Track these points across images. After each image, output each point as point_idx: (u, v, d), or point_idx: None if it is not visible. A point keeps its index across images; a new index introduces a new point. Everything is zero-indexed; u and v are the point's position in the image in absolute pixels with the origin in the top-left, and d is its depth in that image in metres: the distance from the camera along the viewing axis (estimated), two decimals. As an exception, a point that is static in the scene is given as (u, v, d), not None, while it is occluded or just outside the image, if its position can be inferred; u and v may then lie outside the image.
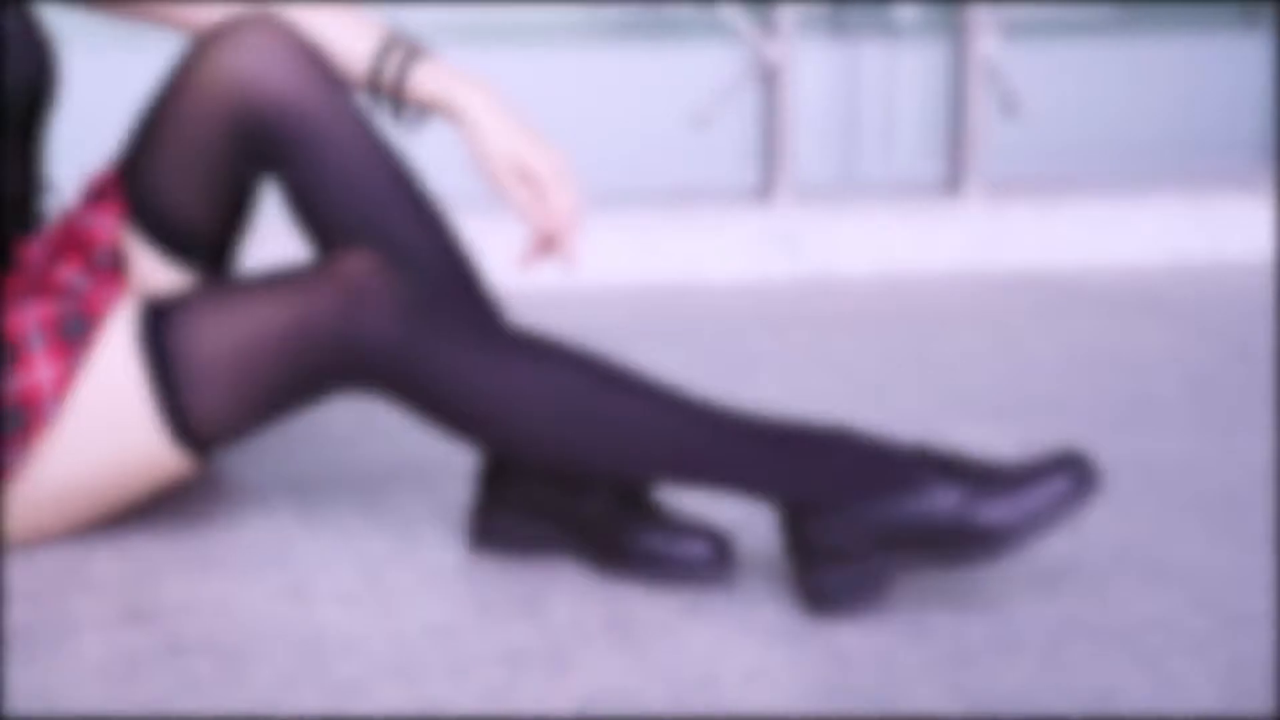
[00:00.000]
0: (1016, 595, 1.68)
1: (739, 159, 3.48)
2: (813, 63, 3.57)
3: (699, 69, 3.49)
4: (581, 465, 1.69)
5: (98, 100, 2.65)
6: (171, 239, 1.84)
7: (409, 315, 1.66)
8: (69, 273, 1.80)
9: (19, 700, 1.44)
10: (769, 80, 3.34)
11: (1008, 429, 2.25)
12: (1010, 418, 2.30)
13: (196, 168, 1.80)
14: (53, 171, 1.92)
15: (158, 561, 1.77)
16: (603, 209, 3.21)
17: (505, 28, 3.65)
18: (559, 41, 3.65)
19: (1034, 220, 3.32)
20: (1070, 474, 1.59)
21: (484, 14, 3.64)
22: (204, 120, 1.78)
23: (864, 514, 1.61)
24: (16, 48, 1.79)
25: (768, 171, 3.36)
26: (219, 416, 1.70)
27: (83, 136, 2.26)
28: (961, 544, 1.59)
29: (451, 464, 2.08)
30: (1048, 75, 3.68)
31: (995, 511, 1.58)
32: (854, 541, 1.61)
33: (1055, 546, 1.80)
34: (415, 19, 3.53)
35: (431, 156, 1.90)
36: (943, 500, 1.60)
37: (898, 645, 1.57)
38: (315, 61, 1.78)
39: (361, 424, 2.26)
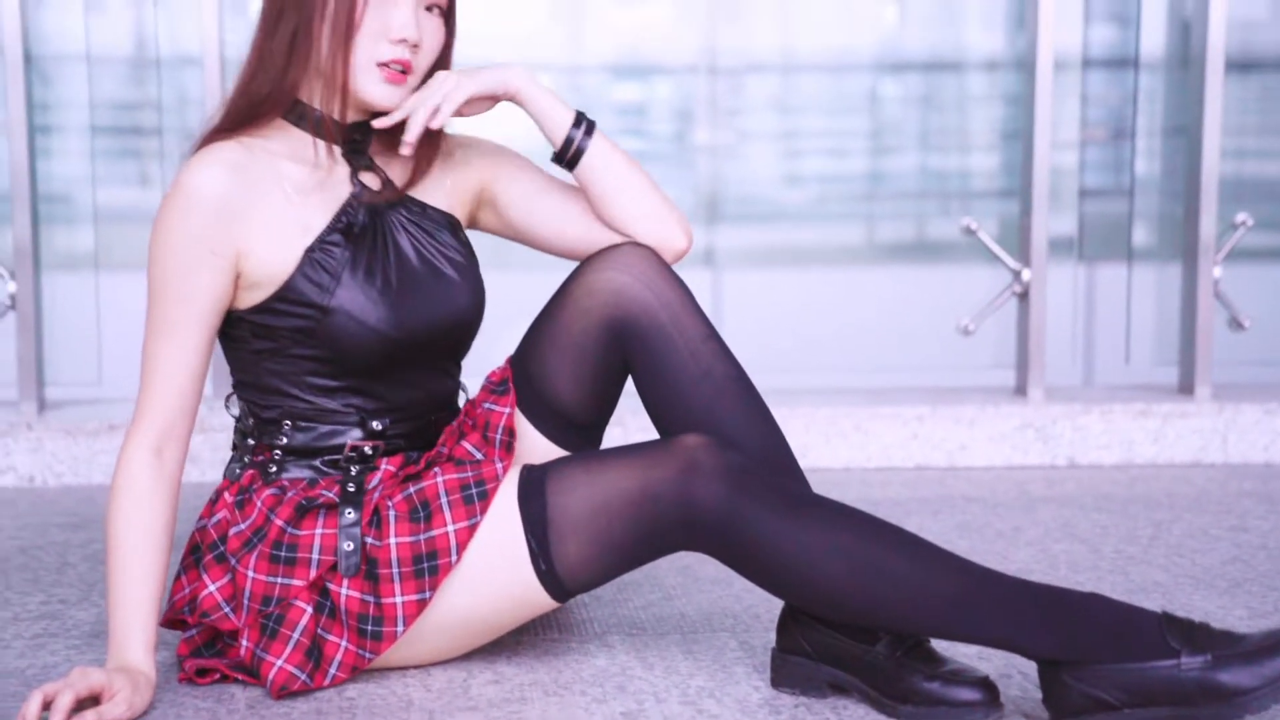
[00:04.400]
0: (1255, 750, 1.59)
1: (997, 362, 3.44)
2: (1061, 281, 3.54)
3: (963, 286, 3.48)
4: (870, 618, 1.67)
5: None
6: (551, 420, 1.89)
7: (735, 485, 1.67)
8: (469, 446, 1.86)
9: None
10: (1023, 296, 3.31)
11: (1240, 602, 2.15)
12: (1242, 591, 2.20)
13: (574, 362, 1.86)
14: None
15: (523, 685, 1.79)
16: (883, 402, 3.21)
17: (799, 249, 3.71)
18: (849, 261, 3.69)
19: (1259, 419, 3.20)
20: (1305, 645, 1.51)
21: (777, 237, 3.71)
22: (582, 324, 1.84)
23: (1118, 672, 1.56)
24: (465, 282, 1.87)
25: (1022, 373, 3.32)
26: (579, 565, 1.72)
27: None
28: (1206, 704, 1.52)
29: (759, 612, 2.07)
30: (1269, 293, 3.57)
31: (1237, 676, 1.51)
32: (1108, 695, 1.56)
33: (1289, 708, 1.71)
34: (722, 242, 3.61)
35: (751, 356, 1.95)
36: (1188, 663, 1.54)
37: (1148, 789, 1.50)
38: (673, 279, 1.84)
39: (685, 577, 2.27)
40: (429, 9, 1.79)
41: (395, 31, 1.75)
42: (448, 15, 1.83)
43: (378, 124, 1.82)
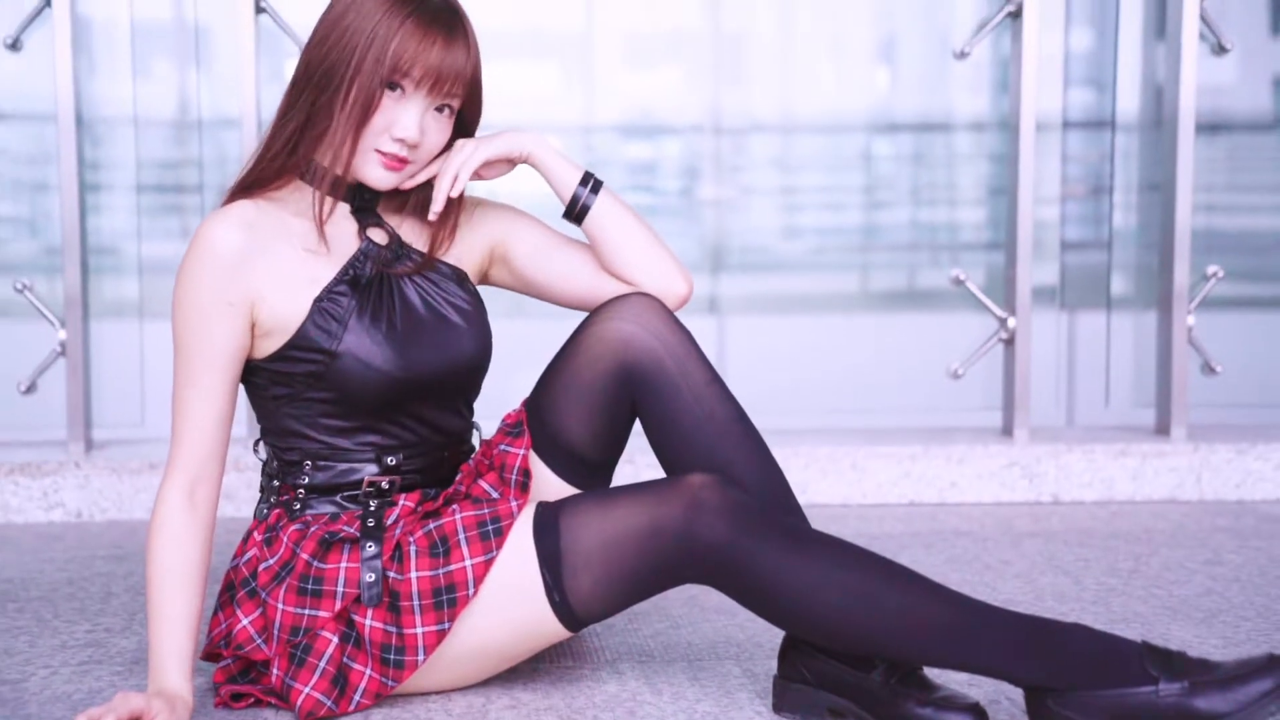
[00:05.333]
0: (1230, 773, 1.58)
1: (985, 404, 3.44)
2: (1044, 328, 3.54)
3: (952, 333, 3.49)
4: (866, 647, 1.66)
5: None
6: (564, 460, 1.89)
7: (738, 522, 1.66)
8: (486, 485, 1.86)
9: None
10: (1009, 342, 3.31)
11: (1215, 631, 2.14)
12: (1217, 622, 2.19)
13: (585, 406, 1.86)
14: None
15: (539, 709, 1.79)
16: (878, 442, 3.20)
17: (798, 297, 3.71)
18: (845, 308, 3.69)
19: (1231, 459, 3.19)
20: (1278, 674, 1.51)
21: (778, 286, 3.71)
22: (593, 370, 1.85)
23: (1100, 698, 1.55)
24: (471, 328, 1.88)
25: (1008, 414, 3.31)
26: (591, 597, 1.72)
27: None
28: (1183, 728, 1.52)
29: (762, 641, 2.07)
30: (1239, 340, 3.57)
31: (1214, 702, 1.51)
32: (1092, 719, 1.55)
33: (1262, 733, 1.70)
34: (726, 290, 3.62)
35: (752, 399, 1.95)
36: (1167, 690, 1.53)
37: (1130, 810, 1.49)
38: (678, 327, 1.84)
39: (691, 607, 2.26)
40: (439, 109, 1.82)
41: (397, 131, 1.78)
42: (466, 107, 1.85)
43: (404, 186, 1.85)
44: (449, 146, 1.87)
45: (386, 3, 1.76)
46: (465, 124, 1.88)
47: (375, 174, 1.81)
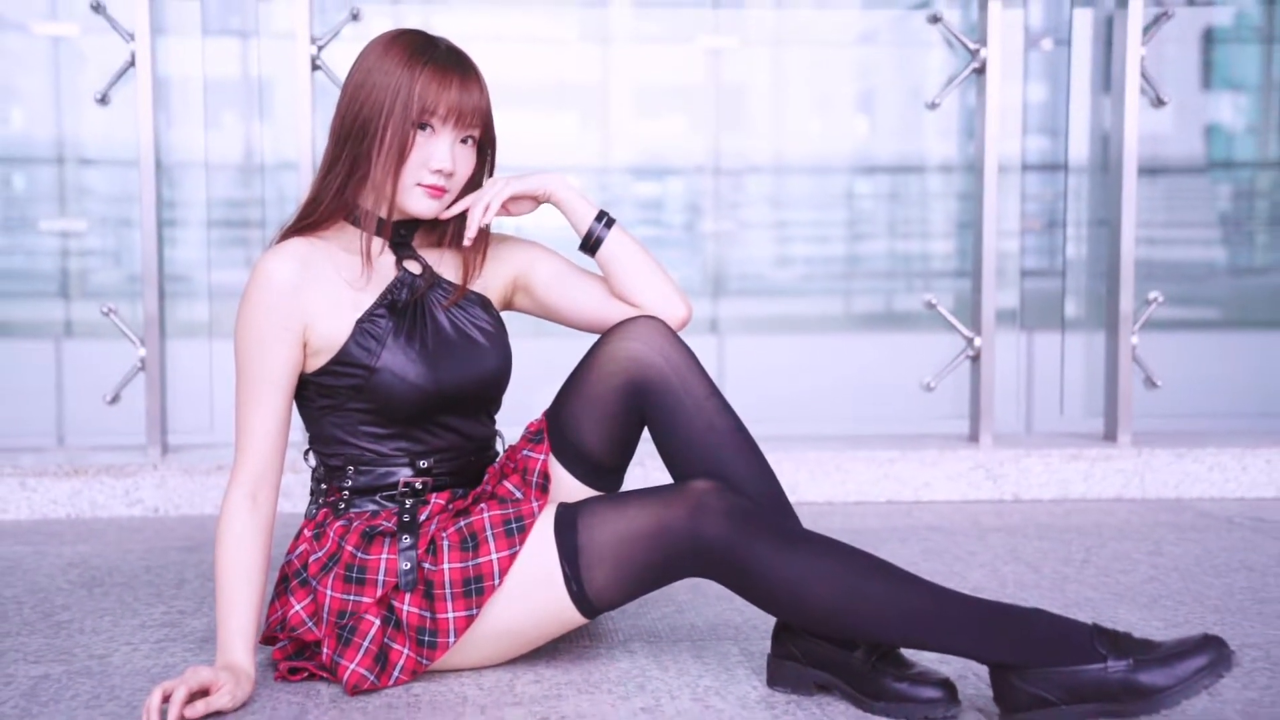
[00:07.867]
0: (1171, 742, 1.57)
1: (954, 414, 3.43)
2: (1006, 346, 3.53)
3: (925, 350, 3.48)
4: (850, 631, 1.66)
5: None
6: (580, 465, 1.89)
7: (737, 523, 1.66)
8: (510, 486, 1.85)
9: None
10: (975, 359, 3.30)
11: (1157, 614, 2.13)
12: (1159, 606, 2.18)
13: (599, 417, 1.85)
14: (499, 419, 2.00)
15: (559, 684, 1.78)
16: (859, 447, 3.20)
17: (789, 319, 3.71)
18: (830, 329, 3.69)
19: (1171, 462, 3.18)
20: (1211, 651, 1.51)
21: (771, 309, 3.71)
22: (606, 385, 1.84)
23: (1055, 674, 1.54)
24: (494, 347, 1.88)
25: (975, 423, 3.31)
26: (605, 588, 1.71)
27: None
28: (1129, 700, 1.51)
29: (757, 624, 2.06)
30: (1177, 357, 3.56)
31: (1155, 677, 1.50)
32: (1048, 694, 1.54)
33: (1198, 704, 1.69)
34: (725, 313, 3.62)
35: (750, 410, 1.95)
36: (1114, 666, 1.53)
37: (1082, 774, 1.48)
38: (682, 346, 1.84)
39: (695, 593, 2.26)
40: (464, 141, 1.83)
41: (434, 164, 1.79)
42: (483, 138, 1.86)
43: (444, 215, 1.85)
44: (480, 184, 1.89)
45: (403, 58, 1.78)
46: (482, 152, 1.88)
47: (421, 204, 1.82)
